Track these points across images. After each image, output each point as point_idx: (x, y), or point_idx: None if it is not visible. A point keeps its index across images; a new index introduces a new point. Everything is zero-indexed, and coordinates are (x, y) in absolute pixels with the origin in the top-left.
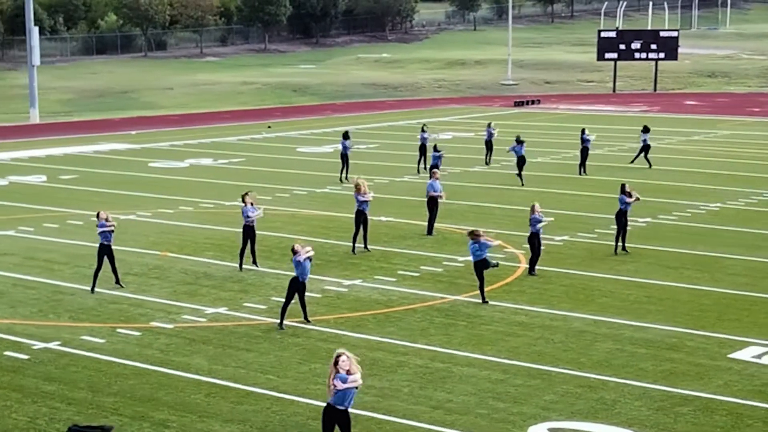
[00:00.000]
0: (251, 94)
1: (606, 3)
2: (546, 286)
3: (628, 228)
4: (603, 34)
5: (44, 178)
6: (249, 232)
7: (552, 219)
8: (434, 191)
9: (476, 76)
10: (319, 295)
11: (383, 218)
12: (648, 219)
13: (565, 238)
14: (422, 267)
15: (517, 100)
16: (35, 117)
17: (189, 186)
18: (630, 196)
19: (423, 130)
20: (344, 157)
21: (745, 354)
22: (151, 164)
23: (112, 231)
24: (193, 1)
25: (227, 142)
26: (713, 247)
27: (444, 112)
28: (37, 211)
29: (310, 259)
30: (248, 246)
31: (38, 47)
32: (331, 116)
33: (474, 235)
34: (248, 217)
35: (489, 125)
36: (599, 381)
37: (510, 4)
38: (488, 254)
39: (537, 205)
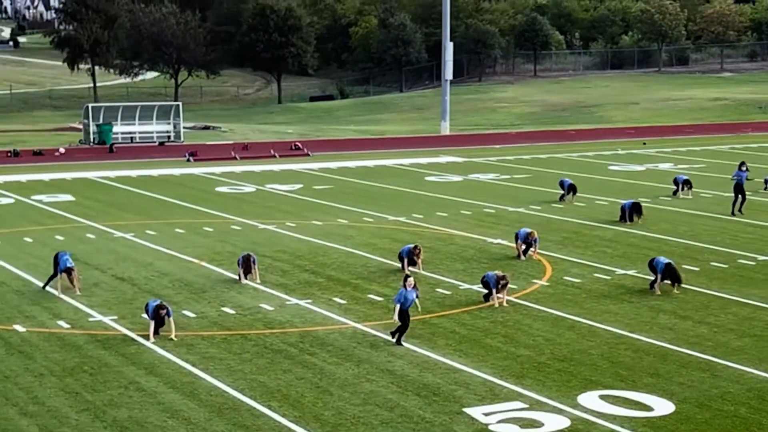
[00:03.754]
0: (713, 110)
1: None
2: (473, 322)
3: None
4: None
5: (298, 186)
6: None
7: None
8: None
9: None
10: (233, 312)
11: (495, 240)
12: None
13: (629, 273)
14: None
15: None
16: (445, 129)
17: (411, 199)
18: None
19: (741, 168)
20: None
21: (484, 410)
22: (426, 178)
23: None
24: (717, 17)
25: (552, 158)
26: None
27: None
28: (198, 215)
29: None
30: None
31: (451, 62)
32: (744, 134)
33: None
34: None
35: (741, 166)
36: (258, 412)
37: None
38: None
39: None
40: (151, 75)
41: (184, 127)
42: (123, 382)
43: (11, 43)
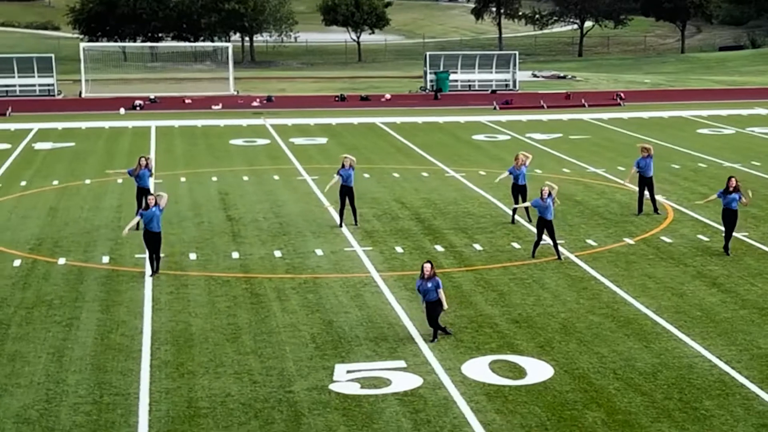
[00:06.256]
0: None
1: None
2: (491, 277)
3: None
4: None
5: (555, 136)
6: (346, 191)
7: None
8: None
9: None
10: (278, 255)
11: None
12: None
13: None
14: (475, 244)
15: None
16: None
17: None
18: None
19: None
20: None
21: (351, 367)
22: (699, 130)
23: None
24: None
25: None
26: None
27: None
28: (414, 161)
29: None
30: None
31: None
32: None
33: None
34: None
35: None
36: (135, 355)
37: None
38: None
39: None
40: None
41: (542, 76)
42: (65, 317)
43: None
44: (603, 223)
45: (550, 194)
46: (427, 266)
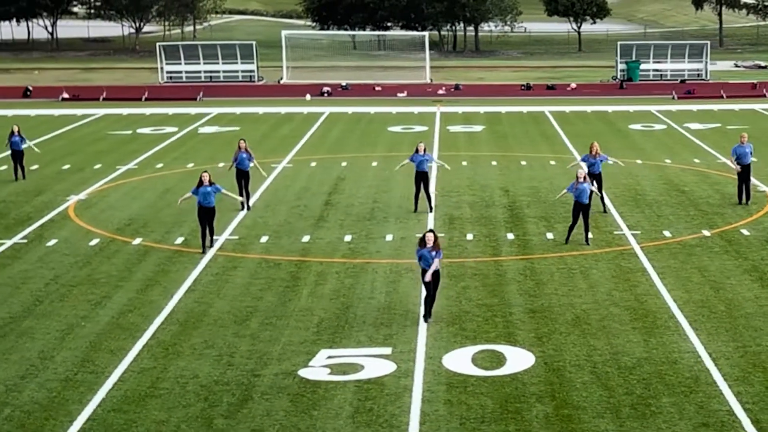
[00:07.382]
0: None
1: None
2: (536, 266)
3: None
4: None
5: (713, 125)
6: (420, 177)
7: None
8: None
9: None
10: (347, 240)
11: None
12: None
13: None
14: (549, 233)
15: None
16: None
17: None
18: None
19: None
20: None
21: (333, 353)
22: None
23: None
24: None
25: None
26: None
27: None
28: (558, 149)
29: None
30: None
31: None
32: None
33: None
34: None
35: None
36: (139, 334)
37: None
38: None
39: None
40: None
41: (743, 66)
42: (99, 296)
43: None
44: (693, 214)
45: (585, 179)
46: (430, 235)
